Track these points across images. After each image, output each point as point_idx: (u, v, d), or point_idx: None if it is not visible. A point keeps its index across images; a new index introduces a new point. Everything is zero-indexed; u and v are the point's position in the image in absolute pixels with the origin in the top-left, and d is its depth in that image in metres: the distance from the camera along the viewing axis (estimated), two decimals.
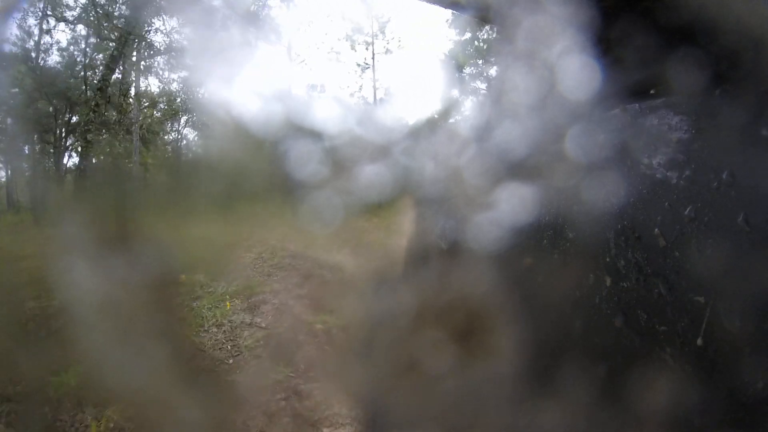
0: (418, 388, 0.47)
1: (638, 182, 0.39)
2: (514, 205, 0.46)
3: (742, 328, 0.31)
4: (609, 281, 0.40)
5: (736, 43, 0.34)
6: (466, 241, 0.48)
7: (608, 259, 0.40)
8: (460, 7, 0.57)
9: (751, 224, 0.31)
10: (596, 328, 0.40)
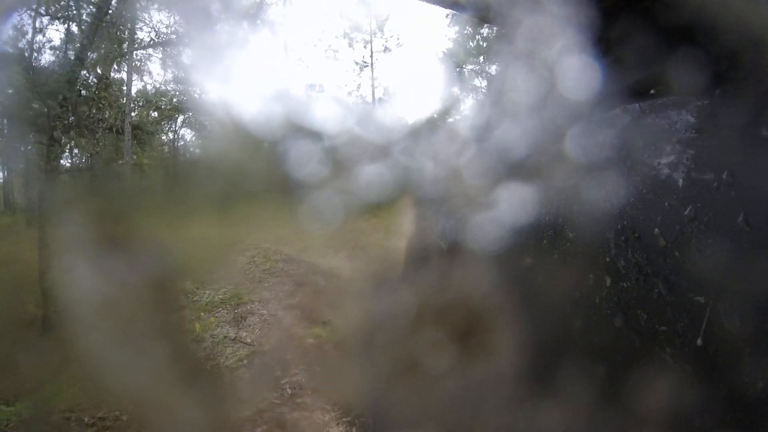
0: (418, 389, 0.47)
1: (638, 182, 0.39)
2: (514, 205, 0.46)
3: (742, 328, 0.31)
4: (609, 281, 0.40)
5: (736, 43, 0.34)
6: (466, 241, 0.48)
7: (608, 259, 0.40)
8: (461, 7, 0.57)
9: (751, 224, 0.32)
10: (596, 328, 0.40)
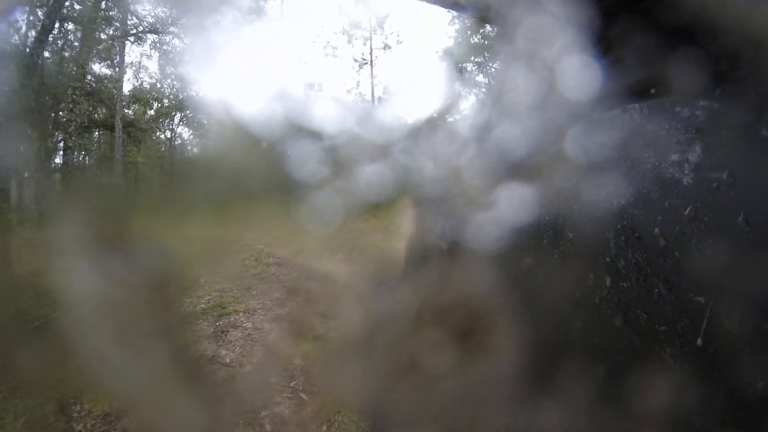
0: (418, 389, 0.46)
1: (638, 182, 0.39)
2: (514, 205, 0.46)
3: (742, 328, 0.31)
4: (609, 281, 0.40)
5: (736, 43, 0.34)
6: (466, 241, 0.48)
7: (608, 259, 0.40)
8: (461, 7, 0.57)
9: (751, 224, 0.32)
10: (596, 328, 0.40)
